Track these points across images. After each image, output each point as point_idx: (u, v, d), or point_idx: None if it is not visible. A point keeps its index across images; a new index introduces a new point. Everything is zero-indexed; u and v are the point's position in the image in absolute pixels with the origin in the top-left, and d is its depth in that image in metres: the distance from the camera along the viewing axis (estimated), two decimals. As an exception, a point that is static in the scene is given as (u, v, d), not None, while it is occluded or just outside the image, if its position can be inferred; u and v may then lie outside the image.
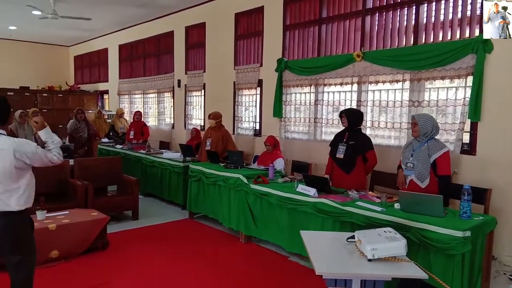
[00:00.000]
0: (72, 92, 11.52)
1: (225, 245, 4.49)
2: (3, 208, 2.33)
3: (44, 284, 3.30)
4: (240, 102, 6.97)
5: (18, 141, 2.42)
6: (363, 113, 4.46)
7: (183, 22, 8.28)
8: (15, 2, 7.71)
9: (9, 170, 2.33)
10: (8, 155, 2.32)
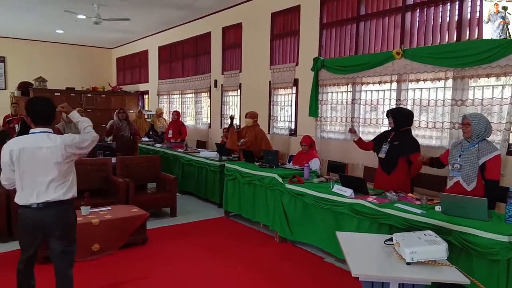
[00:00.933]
0: (114, 93, 11.95)
1: (260, 244, 4.52)
2: (57, 197, 2.52)
3: (87, 276, 3.46)
4: (275, 101, 6.97)
5: (65, 136, 2.62)
6: (413, 113, 4.24)
7: (220, 23, 8.40)
8: (61, 7, 8.11)
9: (62, 163, 2.52)
10: (60, 149, 2.51)
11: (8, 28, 10.58)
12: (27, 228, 2.54)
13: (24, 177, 2.48)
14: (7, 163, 2.49)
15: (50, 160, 2.48)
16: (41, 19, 9.39)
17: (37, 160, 2.47)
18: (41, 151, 2.47)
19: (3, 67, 11.95)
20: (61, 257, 2.58)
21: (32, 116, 2.55)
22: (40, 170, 2.48)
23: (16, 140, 2.56)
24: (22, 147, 2.46)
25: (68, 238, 2.59)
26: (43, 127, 2.55)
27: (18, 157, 2.45)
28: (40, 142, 2.49)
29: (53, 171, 2.50)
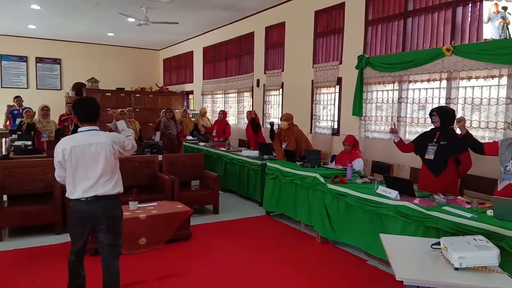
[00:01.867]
0: (161, 93, 12.36)
1: (301, 244, 4.50)
2: (105, 192, 2.67)
3: (134, 268, 3.62)
4: (318, 100, 6.90)
5: (112, 134, 2.80)
6: (454, 110, 4.12)
7: (263, 23, 8.44)
8: (112, 11, 8.51)
9: (110, 159, 2.67)
10: (107, 146, 2.66)
11: (64, 32, 11.26)
12: (77, 220, 2.71)
13: (76, 173, 2.64)
14: (59, 162, 2.67)
15: (98, 155, 2.64)
16: (94, 23, 9.91)
17: (87, 157, 2.62)
18: (91, 148, 2.62)
19: (59, 68, 12.74)
20: (108, 249, 2.72)
21: (78, 115, 2.73)
22: (90, 165, 2.63)
23: (67, 139, 2.73)
24: (73, 145, 2.63)
25: (114, 231, 2.73)
26: (89, 125, 2.71)
27: (69, 154, 2.61)
28: (89, 140, 2.64)
29: (102, 166, 2.64)
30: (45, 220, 4.49)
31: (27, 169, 4.68)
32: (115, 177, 2.73)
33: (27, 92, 11.47)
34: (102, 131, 2.76)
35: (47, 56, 12.52)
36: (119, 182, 2.77)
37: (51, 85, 12.64)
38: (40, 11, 8.82)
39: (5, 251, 4.04)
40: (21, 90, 11.39)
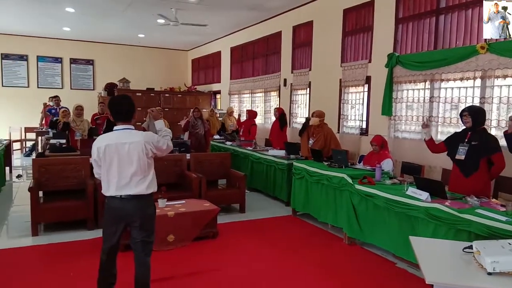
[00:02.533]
0: (189, 93, 12.54)
1: (328, 244, 4.46)
2: (139, 192, 2.71)
3: (163, 265, 3.69)
4: (346, 100, 6.82)
5: (146, 133, 2.83)
6: (485, 110, 3.98)
7: (290, 22, 8.41)
8: (143, 12, 8.71)
9: (143, 158, 2.70)
10: (141, 145, 2.69)
11: (97, 34, 11.63)
12: (111, 218, 2.76)
13: (110, 171, 2.69)
14: (95, 159, 2.74)
15: (132, 154, 2.67)
16: (125, 25, 10.18)
17: (120, 155, 2.67)
18: (124, 147, 2.67)
19: (92, 69, 13.16)
20: (140, 246, 2.77)
21: (113, 113, 2.77)
22: (123, 164, 2.68)
23: (102, 138, 2.79)
24: (107, 143, 2.68)
25: (147, 228, 2.77)
26: (124, 123, 2.75)
27: (104, 153, 2.68)
28: (123, 138, 2.69)
29: (134, 165, 2.68)
30: (78, 216, 4.66)
31: (62, 167, 4.87)
32: (148, 177, 2.75)
33: (61, 92, 11.89)
34: (137, 131, 2.79)
35: (81, 57, 12.96)
36: (153, 181, 2.79)
37: (84, 85, 13.07)
38: (74, 14, 9.14)
39: (40, 245, 4.22)
40: (56, 90, 11.85)
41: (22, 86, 12.26)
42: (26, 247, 4.16)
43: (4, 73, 12.03)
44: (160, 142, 2.80)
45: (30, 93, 12.17)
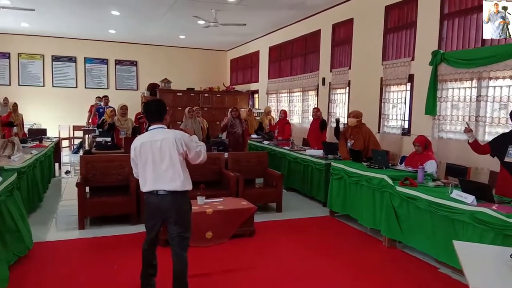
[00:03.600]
0: (228, 92, 12.69)
1: (366, 247, 4.37)
2: (173, 188, 2.82)
3: (201, 260, 3.77)
4: (387, 99, 6.64)
5: (177, 131, 2.95)
6: None
7: (330, 20, 8.30)
8: (184, 14, 8.91)
9: (175, 156, 2.82)
10: (172, 142, 2.82)
11: (141, 36, 12.03)
12: (150, 213, 2.92)
13: (145, 167, 2.85)
14: (133, 158, 2.94)
15: (164, 150, 2.81)
16: (167, 26, 10.47)
17: (154, 152, 2.82)
18: (156, 144, 2.81)
19: (135, 70, 13.63)
20: (177, 241, 2.87)
21: (147, 114, 3.00)
22: (156, 160, 2.82)
23: (139, 138, 2.98)
24: (142, 142, 2.86)
25: (182, 224, 2.87)
26: (157, 123, 2.92)
27: (139, 151, 2.85)
28: (155, 136, 2.84)
29: (166, 161, 2.80)
30: (122, 211, 4.85)
31: (107, 163, 5.09)
32: (182, 174, 2.84)
33: (107, 92, 12.39)
34: (169, 129, 2.95)
35: (125, 58, 13.47)
36: (187, 180, 2.89)
37: (128, 85, 13.57)
38: (119, 17, 9.52)
39: (86, 238, 4.44)
40: (102, 91, 12.38)
41: (70, 87, 12.91)
42: (73, 239, 4.39)
43: (54, 74, 12.72)
44: (193, 143, 2.91)
45: (78, 93, 12.80)
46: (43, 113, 12.11)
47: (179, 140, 2.83)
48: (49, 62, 12.64)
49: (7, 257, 3.41)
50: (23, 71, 12.38)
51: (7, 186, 3.68)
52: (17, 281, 3.28)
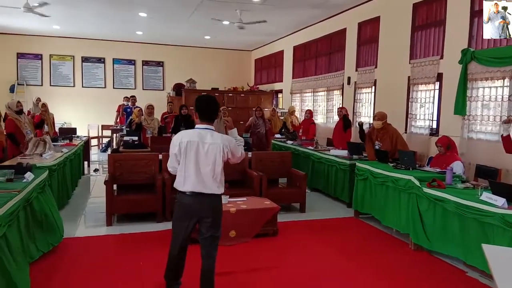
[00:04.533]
0: (251, 92, 12.73)
1: (392, 249, 4.29)
2: (210, 191, 2.80)
3: (225, 259, 3.79)
4: (414, 98, 6.49)
5: (225, 136, 2.89)
6: None
7: (356, 19, 8.20)
8: (209, 15, 9.00)
9: (218, 160, 2.79)
10: (219, 148, 2.78)
11: (167, 37, 12.25)
12: (184, 213, 2.85)
13: (187, 167, 2.79)
14: (175, 153, 2.83)
15: (210, 155, 2.77)
16: (192, 27, 10.60)
17: (199, 154, 2.77)
18: (204, 147, 2.77)
19: (161, 71, 13.88)
20: (209, 241, 2.86)
21: (199, 112, 2.86)
22: (200, 163, 2.77)
23: (185, 133, 2.87)
24: (190, 140, 2.78)
25: (216, 225, 2.87)
26: (207, 123, 2.85)
27: (185, 148, 2.78)
28: (204, 138, 2.78)
29: (210, 166, 2.77)
30: (148, 209, 4.95)
31: (134, 162, 5.20)
32: (220, 178, 2.84)
33: (134, 92, 12.67)
34: (218, 133, 2.87)
35: (152, 59, 13.73)
36: (223, 183, 2.88)
37: (155, 85, 13.83)
38: (146, 18, 9.72)
39: (113, 234, 4.55)
40: (130, 91, 12.66)
41: (99, 87, 13.28)
42: (101, 236, 4.52)
43: (84, 75, 13.12)
44: (236, 148, 2.89)
45: (106, 93, 13.15)
46: (73, 113, 12.52)
47: (227, 148, 2.79)
48: (79, 63, 13.05)
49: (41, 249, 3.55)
50: (54, 71, 12.83)
51: (39, 183, 3.83)
52: (46, 275, 3.40)
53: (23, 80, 12.46)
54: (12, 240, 2.87)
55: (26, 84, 12.46)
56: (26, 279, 2.96)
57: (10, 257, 2.73)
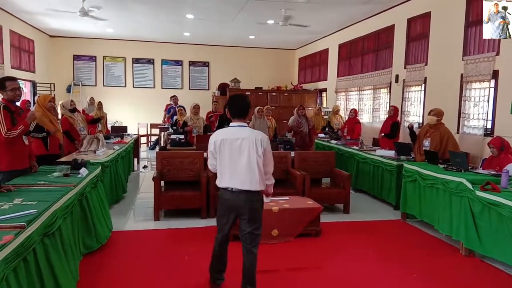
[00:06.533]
0: (295, 91, 12.66)
1: (441, 254, 4.11)
2: (246, 187, 2.86)
3: (267, 257, 3.81)
4: (468, 96, 6.16)
5: (258, 132, 2.96)
6: None
7: (405, 14, 7.92)
8: (254, 15, 9.07)
9: (253, 155, 2.84)
10: (252, 142, 2.84)
11: (213, 37, 12.48)
12: (224, 209, 2.97)
13: (223, 164, 2.89)
14: (211, 151, 2.96)
15: (243, 150, 2.84)
16: (237, 28, 10.73)
17: (233, 150, 2.85)
18: (237, 143, 2.85)
19: (207, 71, 14.17)
20: (249, 238, 2.92)
21: (231, 110, 2.98)
22: (234, 159, 2.85)
23: (220, 132, 3.01)
24: (223, 138, 2.89)
25: (254, 221, 2.92)
26: (240, 120, 2.95)
27: (219, 146, 2.89)
28: (237, 134, 2.87)
29: (244, 161, 2.83)
30: (193, 205, 5.08)
31: (180, 160, 5.36)
32: (257, 175, 2.86)
33: (180, 92, 13.06)
34: (250, 128, 2.95)
35: (198, 59, 14.06)
36: (261, 180, 2.90)
37: (200, 85, 14.15)
38: (193, 20, 9.96)
39: (160, 229, 4.72)
40: (177, 91, 13.04)
41: (148, 87, 13.80)
42: (149, 230, 4.70)
43: (134, 75, 13.69)
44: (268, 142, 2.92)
45: (155, 93, 13.63)
46: (124, 112, 13.10)
47: (259, 141, 2.84)
48: (130, 64, 13.64)
49: (90, 241, 3.76)
50: (107, 72, 13.50)
51: (92, 178, 4.06)
52: (95, 267, 3.58)
53: (79, 80, 13.22)
54: (65, 232, 3.04)
55: (82, 84, 13.21)
56: (74, 271, 3.12)
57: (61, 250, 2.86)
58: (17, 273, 2.14)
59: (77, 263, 3.28)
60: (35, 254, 2.40)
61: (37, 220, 2.48)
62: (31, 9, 9.14)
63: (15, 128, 3.61)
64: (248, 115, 2.99)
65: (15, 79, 3.82)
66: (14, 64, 9.96)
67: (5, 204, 2.72)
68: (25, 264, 2.26)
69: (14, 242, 2.13)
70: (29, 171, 3.91)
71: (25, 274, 2.23)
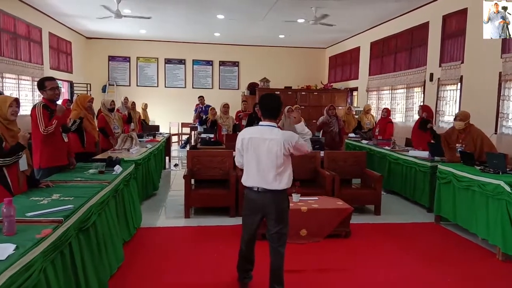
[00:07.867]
0: (325, 90, 12.54)
1: (477, 259, 3.96)
2: (273, 187, 2.85)
3: (295, 257, 3.80)
4: (507, 96, 5.91)
5: (286, 132, 2.92)
6: None
7: (440, 11, 7.67)
8: (284, 14, 9.04)
9: (280, 156, 2.82)
10: (279, 143, 2.81)
11: (242, 37, 12.55)
12: (249, 208, 2.97)
13: (250, 163, 2.90)
14: (239, 149, 2.98)
15: (270, 151, 2.82)
16: (267, 27, 10.74)
17: (260, 150, 2.85)
18: (265, 143, 2.83)
19: (237, 70, 14.26)
20: (275, 237, 2.92)
21: (262, 109, 2.96)
22: (262, 159, 2.85)
23: (248, 130, 3.02)
24: (251, 136, 2.89)
25: (281, 221, 2.91)
26: (270, 120, 2.92)
27: (247, 144, 2.90)
28: (265, 134, 2.85)
29: (271, 161, 2.82)
30: (222, 203, 5.14)
31: (210, 158, 5.43)
32: (284, 173, 2.85)
33: (211, 92, 13.24)
34: (278, 129, 2.92)
35: (228, 59, 14.18)
36: (287, 178, 2.88)
37: (230, 85, 14.27)
38: (223, 20, 10.05)
39: (191, 226, 4.81)
40: (207, 90, 13.24)
41: (180, 87, 14.05)
42: (180, 227, 4.79)
43: (167, 75, 13.97)
44: (300, 141, 2.88)
45: (186, 93, 13.86)
46: (156, 111, 13.39)
47: (287, 143, 2.80)
48: (162, 64, 13.93)
49: (122, 236, 3.88)
50: (140, 73, 13.85)
51: (125, 175, 4.18)
52: (126, 261, 3.66)
53: (113, 80, 13.64)
54: (100, 228, 3.13)
55: (116, 84, 13.62)
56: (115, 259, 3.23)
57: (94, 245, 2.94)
58: (55, 265, 2.23)
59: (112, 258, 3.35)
60: (71, 247, 2.50)
61: (73, 215, 2.59)
62: (69, 12, 9.51)
63: (50, 124, 3.79)
64: (278, 115, 2.96)
65: (54, 79, 4.00)
66: (53, 65, 10.41)
67: (44, 199, 2.85)
68: (62, 257, 2.36)
69: (52, 236, 2.23)
70: (68, 167, 4.08)
71: (61, 267, 2.32)
